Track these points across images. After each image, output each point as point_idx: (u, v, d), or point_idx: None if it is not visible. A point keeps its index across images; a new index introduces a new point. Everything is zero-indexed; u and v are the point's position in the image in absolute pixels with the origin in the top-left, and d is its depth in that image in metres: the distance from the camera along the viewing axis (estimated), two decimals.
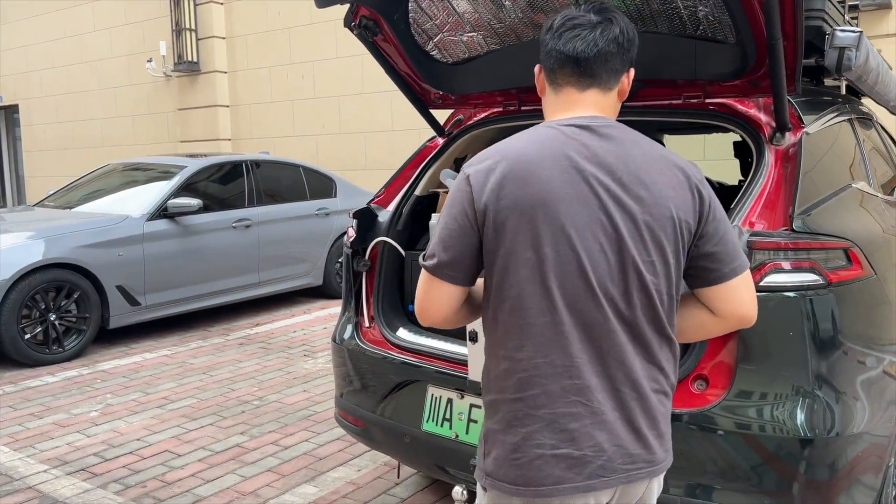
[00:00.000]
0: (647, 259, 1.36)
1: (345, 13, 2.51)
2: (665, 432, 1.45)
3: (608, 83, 1.47)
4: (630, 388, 1.38)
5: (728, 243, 1.42)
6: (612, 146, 1.39)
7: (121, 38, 12.13)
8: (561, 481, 1.36)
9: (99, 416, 4.21)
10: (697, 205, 1.39)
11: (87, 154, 12.70)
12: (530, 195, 1.34)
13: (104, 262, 5.51)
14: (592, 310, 1.35)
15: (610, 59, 1.45)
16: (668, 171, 1.39)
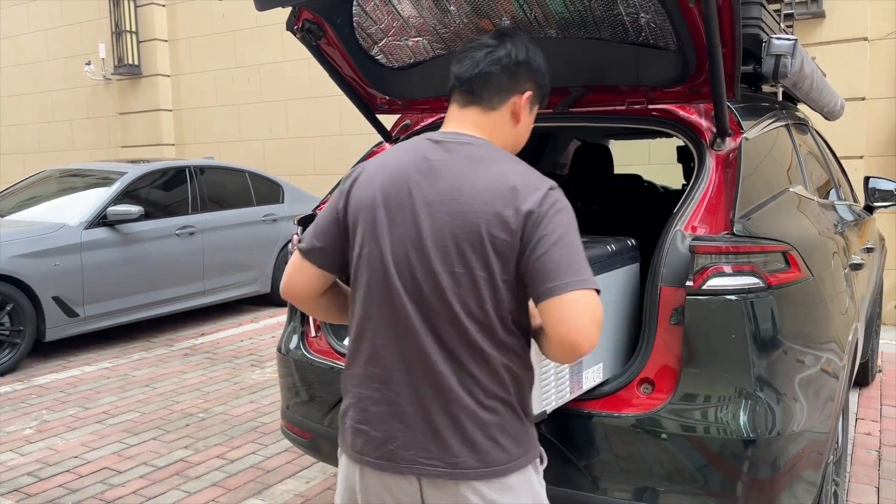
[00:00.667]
0: (451, 270, 1.43)
1: (287, 16, 2.46)
2: (479, 441, 1.44)
3: (490, 102, 1.54)
4: (430, 389, 1.46)
5: (551, 262, 1.37)
6: (450, 161, 1.48)
7: (58, 40, 11.73)
8: (363, 452, 1.53)
9: (34, 433, 4.04)
10: (520, 223, 1.39)
11: (22, 160, 12.22)
12: (365, 199, 1.51)
13: (39, 272, 5.29)
14: (393, 311, 1.47)
15: (491, 79, 1.53)
16: (496, 190, 1.42)
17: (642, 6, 2.07)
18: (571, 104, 2.48)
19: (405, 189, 1.48)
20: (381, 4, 2.38)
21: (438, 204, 1.44)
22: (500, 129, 1.56)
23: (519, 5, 2.23)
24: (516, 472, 1.49)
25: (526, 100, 1.57)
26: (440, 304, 1.44)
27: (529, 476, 1.53)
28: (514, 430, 1.49)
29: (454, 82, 1.58)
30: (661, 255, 1.99)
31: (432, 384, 1.46)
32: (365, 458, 1.52)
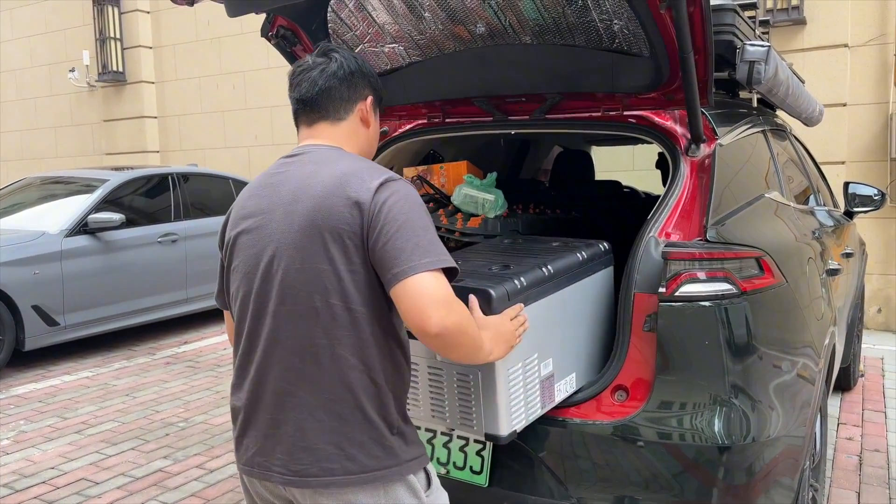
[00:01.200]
0: (295, 267, 1.45)
1: (261, 24, 2.45)
2: (320, 448, 1.44)
3: (337, 114, 1.61)
4: (279, 394, 1.49)
5: (390, 249, 1.39)
6: (294, 168, 1.55)
7: (41, 47, 11.65)
8: (237, 459, 1.58)
9: (10, 444, 3.98)
10: (357, 217, 1.42)
11: (4, 168, 12.12)
12: (230, 227, 1.60)
13: (18, 280, 5.24)
14: (251, 315, 1.51)
15: (333, 93, 1.60)
16: (332, 189, 1.45)
17: (615, 13, 2.07)
18: (547, 111, 2.48)
19: (258, 205, 1.55)
20: (356, 11, 2.38)
21: (282, 207, 1.50)
22: (352, 137, 1.63)
23: (493, 12, 2.23)
24: (368, 484, 1.44)
25: (370, 104, 1.66)
26: (290, 304, 1.46)
27: (394, 492, 1.47)
28: (364, 440, 1.45)
29: (297, 106, 1.63)
30: (634, 262, 1.98)
31: (280, 390, 1.48)
32: (238, 465, 1.59)
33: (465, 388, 1.81)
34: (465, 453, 2.09)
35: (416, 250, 1.39)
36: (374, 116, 1.69)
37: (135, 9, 10.40)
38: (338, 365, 1.44)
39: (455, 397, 1.84)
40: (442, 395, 1.87)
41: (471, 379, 1.79)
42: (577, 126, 2.51)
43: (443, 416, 1.89)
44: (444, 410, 1.88)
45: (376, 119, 1.70)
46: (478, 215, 2.39)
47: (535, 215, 2.67)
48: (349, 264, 1.43)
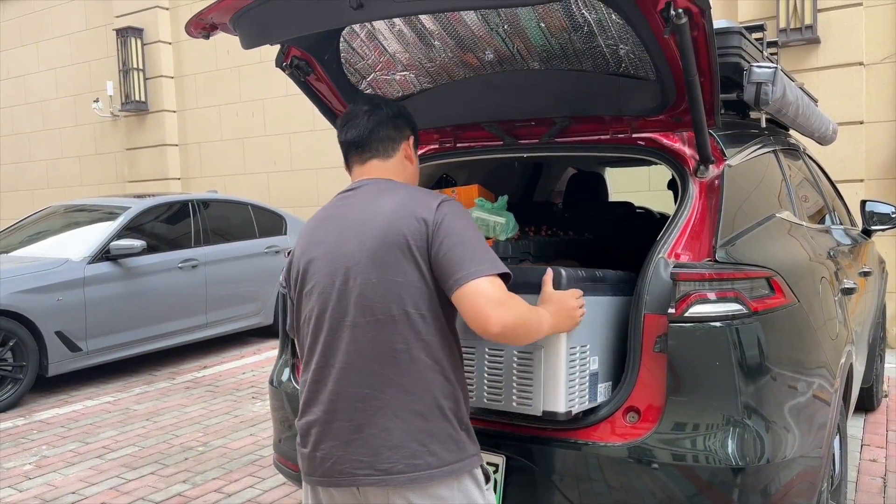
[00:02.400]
0: (371, 281, 1.61)
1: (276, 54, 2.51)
2: (405, 446, 1.57)
3: (386, 153, 1.81)
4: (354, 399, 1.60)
5: (451, 259, 1.57)
6: (358, 198, 1.74)
7: (66, 79, 11.95)
8: (309, 473, 1.68)
9: (33, 468, 4.04)
10: (423, 231, 1.60)
11: (31, 196, 12.38)
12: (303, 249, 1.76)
13: (42, 307, 5.33)
14: (327, 331, 1.64)
15: (381, 133, 1.80)
16: (399, 209, 1.65)
17: (621, 38, 2.10)
18: (557, 134, 2.51)
19: (327, 233, 1.72)
20: (368, 41, 2.43)
21: (352, 231, 1.67)
22: (399, 172, 1.82)
23: (501, 39, 2.28)
24: (446, 477, 1.58)
25: (411, 143, 1.86)
26: (364, 313, 1.60)
27: (464, 485, 1.62)
28: (442, 436, 1.60)
29: (347, 149, 1.83)
30: (644, 283, 1.99)
31: (362, 395, 1.60)
32: (311, 479, 1.68)
33: (526, 366, 1.92)
34: None
35: (472, 259, 1.57)
36: (415, 153, 1.89)
37: (157, 40, 10.64)
38: (416, 366, 1.59)
39: (513, 376, 1.94)
40: (500, 375, 1.97)
41: (533, 356, 1.90)
42: (586, 149, 2.53)
43: (498, 397, 1.98)
44: (500, 391, 1.97)
45: (416, 155, 1.90)
46: (489, 238, 2.41)
47: (547, 237, 2.68)
48: (419, 275, 1.60)
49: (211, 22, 2.12)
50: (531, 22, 2.15)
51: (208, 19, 2.11)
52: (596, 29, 2.10)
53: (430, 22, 2.27)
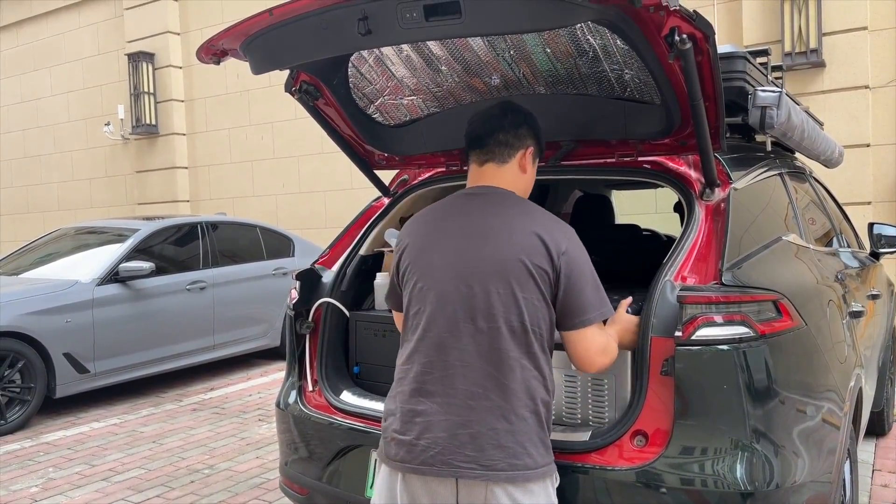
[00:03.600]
0: (498, 291, 1.73)
1: (286, 78, 2.54)
2: (509, 446, 1.70)
3: (502, 157, 1.91)
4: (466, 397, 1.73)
5: (577, 299, 1.76)
6: (480, 205, 1.86)
7: (78, 102, 12.11)
8: (405, 460, 1.76)
9: (39, 491, 4.03)
10: (548, 259, 1.75)
11: (42, 218, 12.50)
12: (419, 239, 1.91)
13: (51, 329, 5.36)
14: (447, 331, 1.76)
15: (499, 138, 1.91)
16: (523, 229, 1.79)
17: (626, 63, 2.13)
18: (563, 157, 2.53)
19: (447, 233, 1.86)
20: (376, 65, 2.47)
21: (475, 241, 1.80)
22: (512, 179, 1.93)
23: (507, 64, 2.31)
24: (539, 479, 1.73)
25: (529, 153, 1.95)
26: (486, 319, 1.74)
27: (547, 486, 1.76)
28: (538, 441, 1.74)
29: (469, 145, 1.95)
30: (650, 306, 1.99)
31: (474, 394, 1.73)
32: (406, 466, 1.76)
33: (598, 390, 2.13)
34: None
35: (592, 304, 1.77)
36: (532, 164, 1.99)
37: (168, 64, 10.80)
38: (525, 375, 1.74)
39: (589, 398, 2.15)
40: (576, 397, 2.17)
41: (605, 383, 2.12)
42: (592, 172, 2.55)
43: (574, 416, 2.17)
44: (576, 411, 2.17)
45: (533, 167, 2.00)
46: None
47: None
48: (539, 294, 1.74)
49: (221, 48, 2.16)
50: (537, 47, 2.18)
51: (219, 45, 2.14)
52: (601, 54, 2.12)
53: (437, 48, 2.30)
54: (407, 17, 1.75)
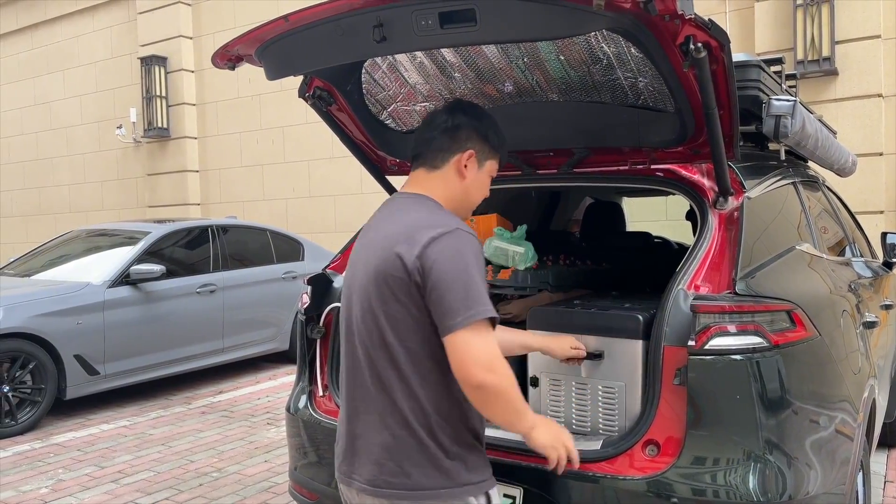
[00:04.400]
0: (365, 307, 1.68)
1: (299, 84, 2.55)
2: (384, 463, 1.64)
3: (433, 162, 1.78)
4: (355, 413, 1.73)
5: (438, 306, 1.56)
6: (383, 213, 1.80)
7: (91, 106, 12.20)
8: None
9: (49, 492, 4.05)
10: (404, 271, 1.59)
11: (54, 220, 12.58)
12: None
13: (62, 330, 5.38)
14: (345, 341, 1.77)
15: (432, 143, 1.78)
16: (391, 241, 1.64)
17: (640, 71, 2.13)
18: (575, 164, 2.52)
19: (355, 250, 1.82)
20: (389, 72, 2.48)
21: (362, 251, 1.75)
22: (443, 185, 1.78)
23: (521, 71, 2.31)
24: (425, 500, 1.62)
25: (470, 157, 1.78)
26: (368, 338, 1.68)
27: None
28: (419, 461, 1.62)
29: (412, 150, 1.84)
30: (663, 315, 1.98)
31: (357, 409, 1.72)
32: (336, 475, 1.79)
33: (609, 398, 2.14)
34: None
35: (454, 308, 1.55)
36: (478, 169, 1.80)
37: (180, 68, 10.86)
38: (398, 394, 1.64)
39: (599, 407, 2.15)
40: (586, 405, 2.15)
41: (616, 391, 2.12)
42: (604, 179, 2.55)
43: (585, 424, 2.17)
44: (587, 419, 2.16)
45: (480, 172, 1.81)
46: (508, 267, 2.42)
47: (565, 267, 2.69)
48: (400, 307, 1.62)
49: (237, 53, 2.17)
50: (551, 55, 2.18)
51: (234, 51, 2.16)
52: (615, 62, 2.12)
53: (450, 54, 2.31)
54: (422, 25, 1.75)
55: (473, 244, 1.63)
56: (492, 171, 1.85)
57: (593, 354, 2.13)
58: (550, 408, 2.24)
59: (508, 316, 2.48)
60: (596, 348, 2.14)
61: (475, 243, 1.64)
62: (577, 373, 2.17)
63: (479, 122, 1.81)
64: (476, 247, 1.63)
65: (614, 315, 2.15)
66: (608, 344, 2.13)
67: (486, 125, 1.82)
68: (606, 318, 2.16)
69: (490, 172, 1.85)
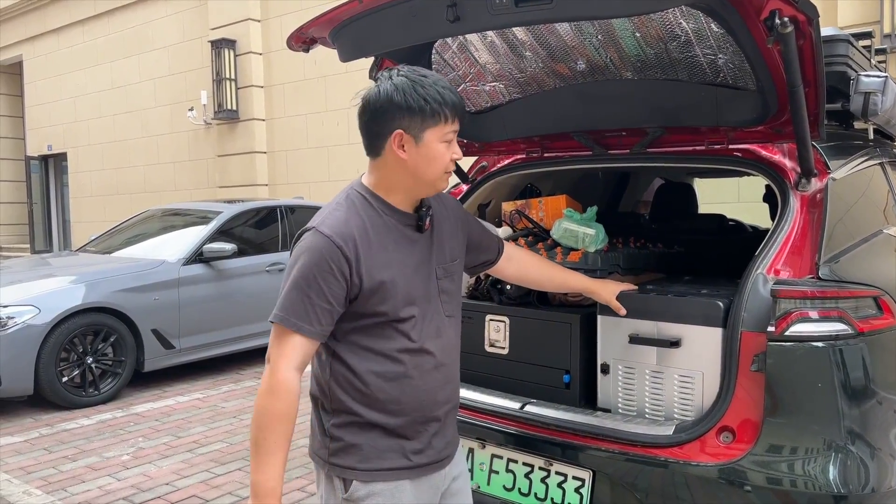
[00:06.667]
0: None
1: (370, 65, 2.57)
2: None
3: (373, 151, 1.67)
4: None
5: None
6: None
7: (164, 89, 12.59)
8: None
9: (130, 459, 4.25)
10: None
11: (129, 200, 13.09)
12: None
13: (140, 306, 5.62)
14: None
15: (364, 131, 1.67)
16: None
17: (720, 47, 2.05)
18: (648, 144, 2.47)
19: None
20: (459, 52, 2.46)
21: None
22: (388, 172, 1.67)
23: (594, 49, 2.26)
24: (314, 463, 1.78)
25: (396, 138, 1.61)
26: None
27: (321, 479, 1.77)
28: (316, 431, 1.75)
29: None
30: (741, 299, 1.93)
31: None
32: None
33: (685, 385, 2.09)
34: (563, 489, 2.07)
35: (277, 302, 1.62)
36: (415, 145, 1.61)
37: (249, 51, 11.08)
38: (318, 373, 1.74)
39: (674, 393, 2.11)
40: (661, 391, 2.12)
41: (692, 378, 2.07)
42: (679, 160, 2.48)
43: (658, 410, 2.13)
44: (660, 407, 2.12)
45: (419, 147, 1.61)
46: (577, 249, 2.39)
47: (636, 250, 2.64)
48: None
49: (311, 36, 2.20)
50: (626, 32, 2.13)
51: (308, 34, 2.18)
52: (694, 38, 2.06)
53: (522, 33, 2.28)
54: (496, 4, 1.74)
55: (316, 248, 1.58)
56: (440, 137, 1.62)
57: (670, 342, 2.09)
58: (622, 396, 2.21)
59: (577, 299, 2.45)
60: (672, 335, 2.09)
61: (321, 247, 1.58)
62: (651, 360, 2.14)
63: (396, 93, 1.58)
64: (319, 250, 1.58)
65: (693, 301, 2.09)
66: (685, 331, 2.08)
67: (407, 94, 1.58)
68: (684, 304, 2.09)
69: (440, 140, 1.62)
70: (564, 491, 2.07)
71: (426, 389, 1.69)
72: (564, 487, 2.07)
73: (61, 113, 14.64)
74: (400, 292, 1.64)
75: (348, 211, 1.65)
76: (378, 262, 1.62)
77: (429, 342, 1.69)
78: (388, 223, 1.67)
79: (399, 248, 1.67)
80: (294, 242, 1.67)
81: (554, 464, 2.13)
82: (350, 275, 1.58)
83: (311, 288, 1.57)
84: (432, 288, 1.72)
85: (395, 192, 1.69)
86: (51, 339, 5.14)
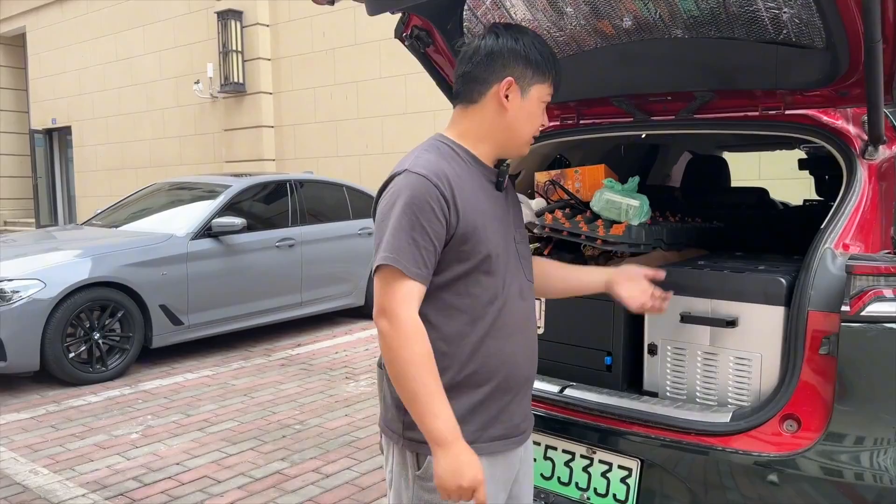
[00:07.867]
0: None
1: (395, 25, 2.39)
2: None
3: (470, 97, 1.59)
4: None
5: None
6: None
7: (170, 61, 12.37)
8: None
9: (139, 437, 4.14)
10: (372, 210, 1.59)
11: (135, 174, 12.93)
12: None
13: (148, 281, 5.48)
14: None
15: (466, 76, 1.59)
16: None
17: (785, 0, 1.87)
18: (696, 110, 2.29)
19: None
20: (493, 8, 2.28)
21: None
22: (480, 121, 1.60)
23: (643, 4, 2.08)
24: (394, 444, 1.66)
25: (509, 86, 1.56)
26: None
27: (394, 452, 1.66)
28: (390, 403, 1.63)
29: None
30: (808, 276, 1.77)
31: None
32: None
33: (742, 367, 1.94)
34: (608, 479, 1.93)
35: (375, 251, 1.51)
36: (522, 97, 1.58)
37: (255, 22, 10.84)
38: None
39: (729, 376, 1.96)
40: (715, 375, 1.96)
41: (750, 360, 1.92)
42: (729, 126, 2.31)
43: (711, 395, 1.99)
44: (713, 391, 1.98)
45: (524, 100, 1.58)
46: (620, 222, 2.22)
47: (679, 224, 2.47)
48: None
49: None
50: None
51: None
52: None
53: None
54: None
55: (413, 187, 1.48)
56: (542, 96, 1.61)
57: (726, 321, 1.93)
58: (670, 378, 2.06)
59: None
60: (729, 314, 1.93)
61: (417, 186, 1.47)
62: (703, 341, 1.98)
63: (517, 42, 1.56)
64: (416, 189, 1.47)
65: (752, 278, 1.92)
66: (743, 310, 1.92)
67: (527, 45, 1.57)
68: (742, 280, 1.93)
69: (541, 99, 1.61)
70: (609, 481, 1.93)
71: (510, 353, 1.59)
72: (609, 477, 1.93)
73: (65, 86, 14.44)
74: (491, 240, 1.55)
75: (438, 154, 1.56)
76: (470, 205, 1.52)
77: (513, 302, 1.60)
78: (473, 173, 1.58)
79: (487, 199, 1.58)
80: (381, 190, 1.55)
81: (597, 451, 1.98)
82: (448, 213, 1.49)
83: (414, 230, 1.47)
84: (511, 249, 1.63)
85: (483, 144, 1.61)
86: (57, 313, 5.01)
